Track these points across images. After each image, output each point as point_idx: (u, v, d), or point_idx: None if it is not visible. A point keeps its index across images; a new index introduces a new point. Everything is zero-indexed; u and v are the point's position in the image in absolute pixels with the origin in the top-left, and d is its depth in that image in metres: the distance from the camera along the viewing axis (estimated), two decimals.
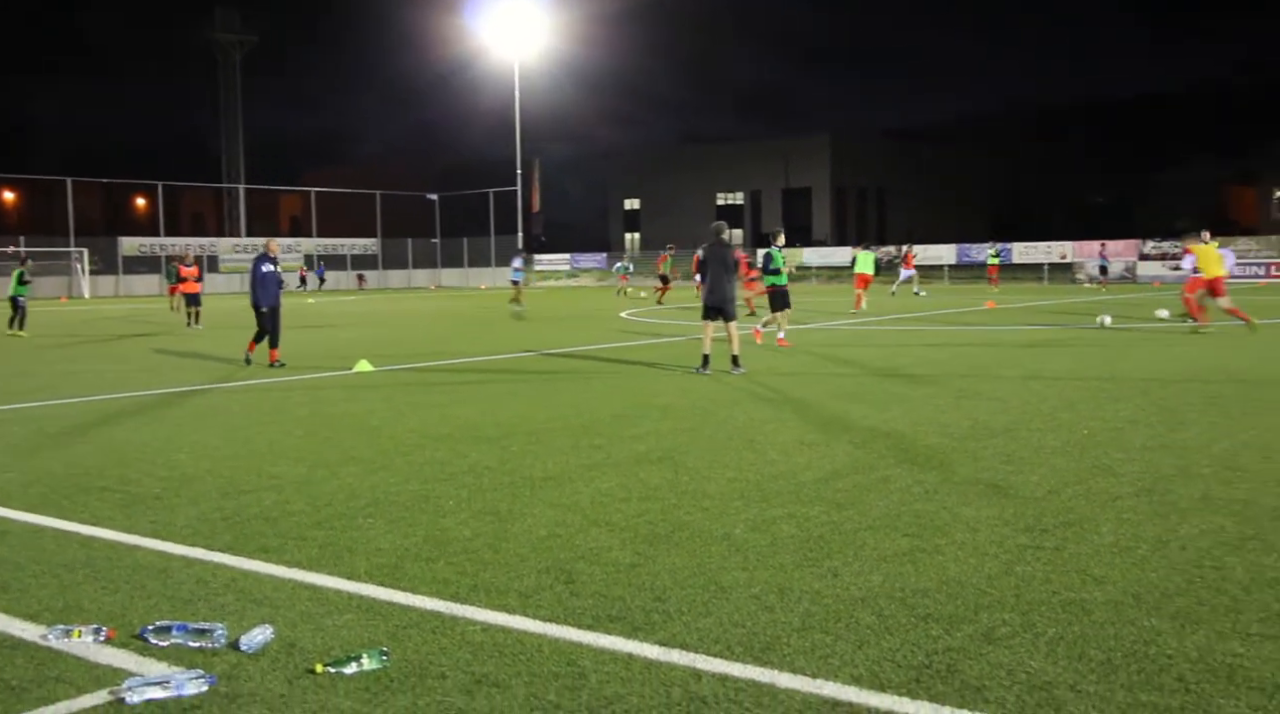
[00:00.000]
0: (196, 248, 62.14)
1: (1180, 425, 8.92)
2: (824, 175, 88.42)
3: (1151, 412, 9.70)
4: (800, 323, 23.67)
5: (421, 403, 11.57)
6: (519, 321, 27.19)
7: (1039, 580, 4.93)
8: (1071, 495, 6.54)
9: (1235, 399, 10.30)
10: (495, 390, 12.70)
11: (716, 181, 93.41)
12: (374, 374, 14.56)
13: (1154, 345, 16.27)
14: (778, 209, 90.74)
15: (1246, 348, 15.41)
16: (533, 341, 20.19)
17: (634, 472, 7.54)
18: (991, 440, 8.47)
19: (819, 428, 9.29)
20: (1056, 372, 13.13)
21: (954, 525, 5.92)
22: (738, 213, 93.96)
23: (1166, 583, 4.85)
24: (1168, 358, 14.35)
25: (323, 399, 12.13)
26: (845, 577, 5.07)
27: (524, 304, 32.55)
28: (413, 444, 8.83)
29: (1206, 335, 18.04)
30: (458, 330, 24.74)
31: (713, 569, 5.22)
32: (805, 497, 6.69)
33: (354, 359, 15.62)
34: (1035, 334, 19.22)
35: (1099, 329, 19.81)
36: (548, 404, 11.24)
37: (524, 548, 5.63)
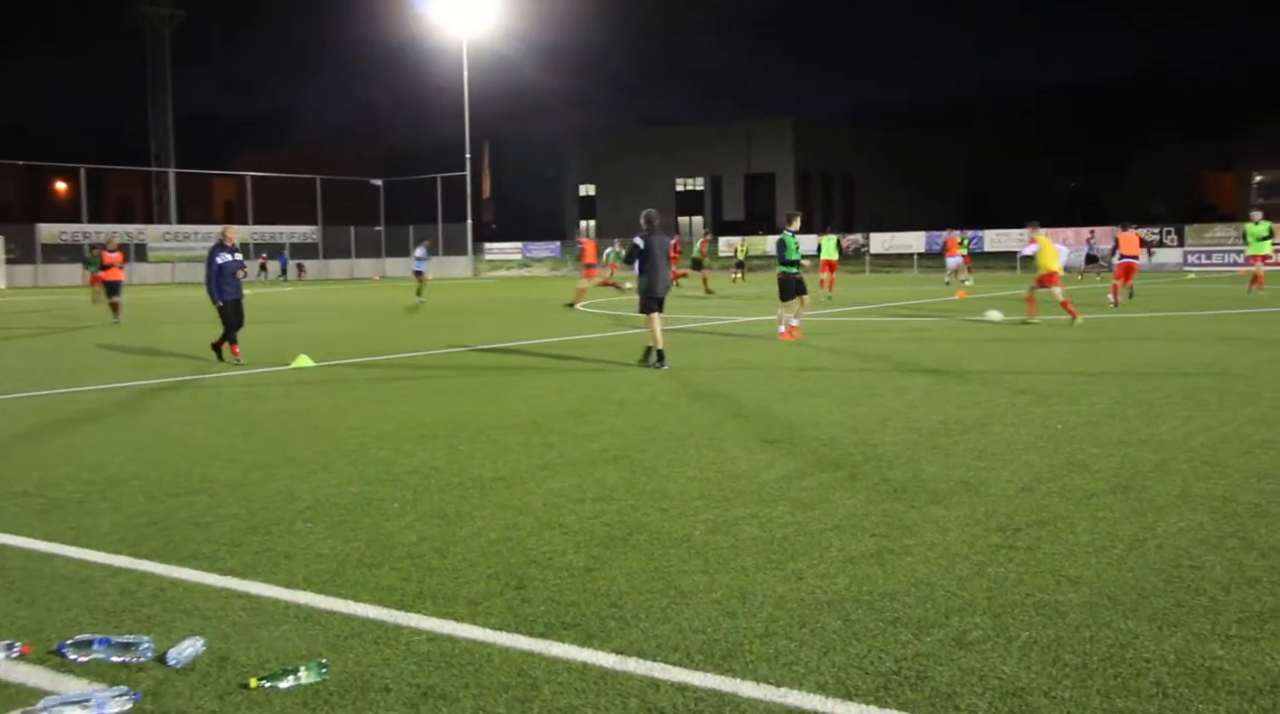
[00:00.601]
0: (123, 235, 61.19)
1: (1157, 419, 9.04)
2: (788, 160, 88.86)
3: (1128, 405, 9.83)
4: (765, 314, 23.74)
5: (365, 399, 11.48)
6: (412, 314, 27.18)
7: (1012, 582, 4.97)
8: (1045, 493, 6.60)
9: (1213, 392, 10.47)
10: (443, 386, 12.62)
11: (676, 166, 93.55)
12: (314, 370, 14.43)
13: (1130, 337, 16.50)
14: (740, 195, 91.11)
15: (1222, 339, 15.66)
16: (483, 335, 20.08)
17: (589, 471, 7.53)
18: (962, 436, 8.54)
19: (783, 424, 9.31)
20: (1030, 364, 13.27)
21: (923, 525, 5.95)
22: (698, 199, 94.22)
23: (1143, 583, 4.90)
24: (1144, 350, 14.56)
25: (260, 396, 11.99)
26: (810, 580, 5.08)
27: (423, 297, 32.49)
28: (355, 443, 8.77)
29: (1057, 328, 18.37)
30: (403, 323, 24.56)
31: (671, 573, 5.21)
32: (768, 496, 6.70)
33: (293, 354, 15.44)
34: (1007, 326, 19.42)
35: (992, 325, 19.88)
36: (498, 400, 11.19)
37: (473, 552, 5.59)
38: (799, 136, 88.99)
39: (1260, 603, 4.63)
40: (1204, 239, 50.46)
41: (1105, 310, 22.60)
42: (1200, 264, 48.47)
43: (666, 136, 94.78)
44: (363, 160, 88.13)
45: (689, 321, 22.39)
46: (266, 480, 7.42)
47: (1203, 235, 50.76)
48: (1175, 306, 23.87)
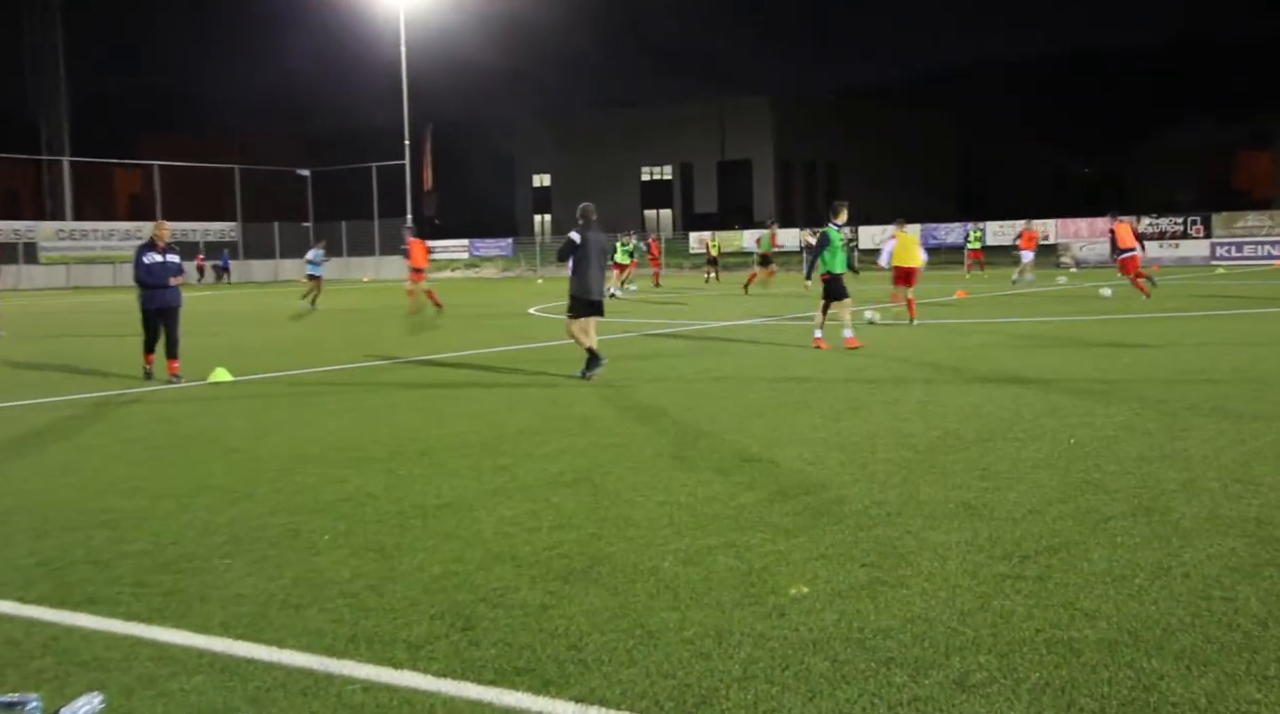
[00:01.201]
0: (10, 233, 60.50)
1: (1182, 432, 9.13)
2: (766, 145, 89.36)
3: (1149, 417, 9.92)
4: (742, 317, 23.80)
5: (291, 418, 11.41)
6: (298, 320, 27.16)
7: (1020, 616, 4.98)
8: (1056, 516, 6.64)
9: (1246, 400, 10.59)
10: (380, 402, 12.57)
11: (642, 153, 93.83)
12: (233, 385, 14.33)
13: (1151, 340, 16.66)
14: (712, 184, 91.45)
15: (1255, 342, 15.86)
16: (424, 344, 20.01)
17: (545, 496, 7.51)
18: (963, 453, 8.58)
19: (762, 441, 9.33)
20: (1038, 371, 13.37)
21: (920, 553, 5.97)
22: (666, 189, 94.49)
23: (1169, 617, 4.93)
24: (1167, 355, 14.72)
25: (170, 415, 11.88)
26: (793, 616, 5.07)
27: (317, 304, 32.38)
28: (280, 468, 8.71)
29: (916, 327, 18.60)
30: (336, 331, 24.42)
31: (638, 610, 5.19)
32: (746, 522, 6.70)
33: (208, 367, 15.31)
34: (1013, 327, 19.58)
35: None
36: (442, 417, 11.15)
37: (414, 590, 5.56)
38: (778, 119, 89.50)
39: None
40: (1234, 229, 50.82)
41: (1133, 306, 22.83)
42: (1230, 257, 48.85)
43: (631, 120, 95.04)
44: (288, 148, 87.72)
45: (655, 327, 22.41)
46: (177, 511, 7.34)
47: (1233, 225, 51.12)
48: (1202, 305, 24.15)
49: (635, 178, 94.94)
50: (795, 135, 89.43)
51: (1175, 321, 20.31)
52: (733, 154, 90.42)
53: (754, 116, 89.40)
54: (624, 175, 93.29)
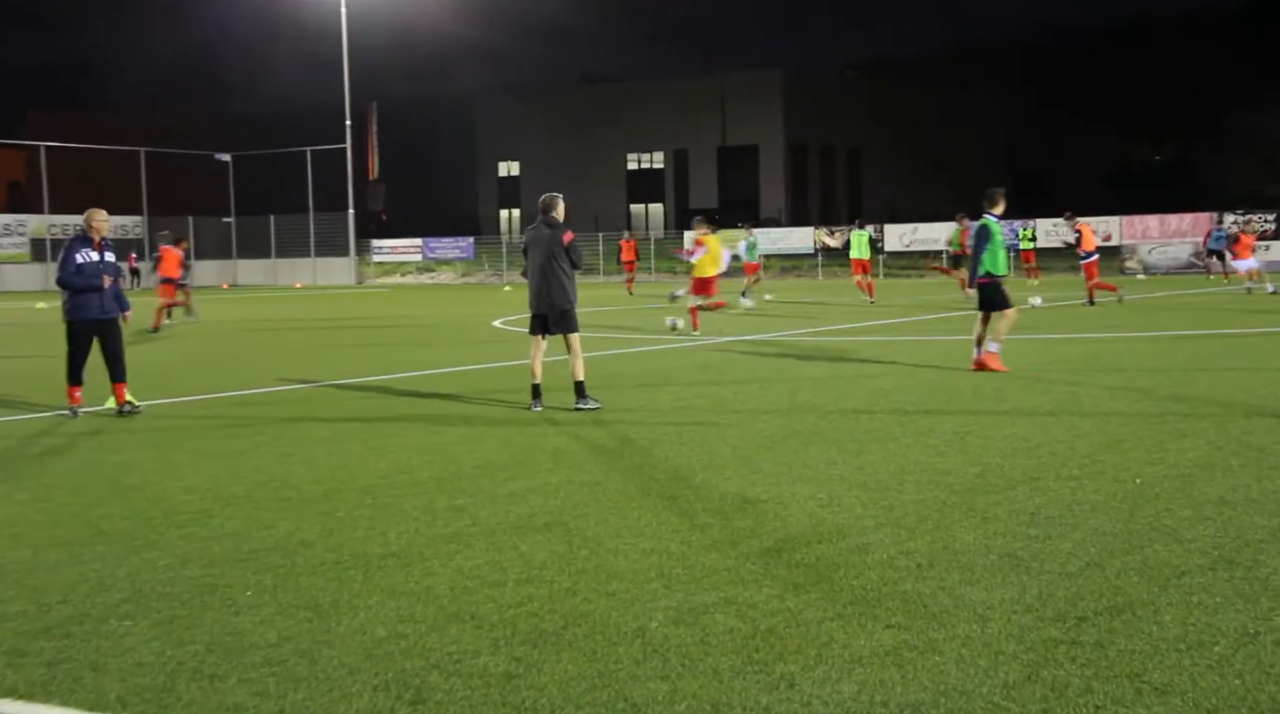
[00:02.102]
0: None
1: (1272, 471, 9.15)
2: (775, 128, 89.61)
3: (1231, 451, 9.95)
4: (746, 333, 23.84)
5: (207, 450, 11.38)
6: (156, 336, 27.21)
7: (1076, 690, 4.98)
8: (1119, 570, 6.65)
9: None
10: (314, 432, 12.56)
11: (628, 138, 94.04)
12: (134, 412, 14.26)
13: (1233, 362, 16.72)
14: (711, 174, 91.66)
15: None
16: (368, 363, 19.99)
17: (512, 543, 7.50)
18: (1008, 493, 8.59)
19: (768, 477, 9.34)
20: (1096, 398, 13.41)
21: (956, 613, 5.97)
22: (657, 179, 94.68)
23: (1256, 693, 4.92)
24: (1250, 379, 14.76)
25: (58, 449, 11.85)
26: (805, 686, 5.06)
27: (195, 313, 32.36)
28: (193, 510, 8.68)
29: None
30: (262, 347, 24.38)
31: (621, 679, 5.18)
32: (749, 575, 6.70)
33: (106, 390, 15.25)
34: (1069, 346, 19.65)
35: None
36: (389, 450, 11.14)
37: (353, 655, 5.55)
38: (790, 97, 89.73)
39: None
40: None
41: (1203, 320, 22.92)
42: None
43: (614, 99, 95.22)
44: (204, 127, 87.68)
45: (643, 342, 22.42)
46: (67, 563, 7.30)
47: None
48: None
49: (620, 166, 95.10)
50: (810, 116, 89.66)
51: (1258, 340, 20.37)
52: (736, 139, 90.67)
53: (761, 94, 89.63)
54: (607, 164, 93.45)
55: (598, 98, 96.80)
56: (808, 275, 59.82)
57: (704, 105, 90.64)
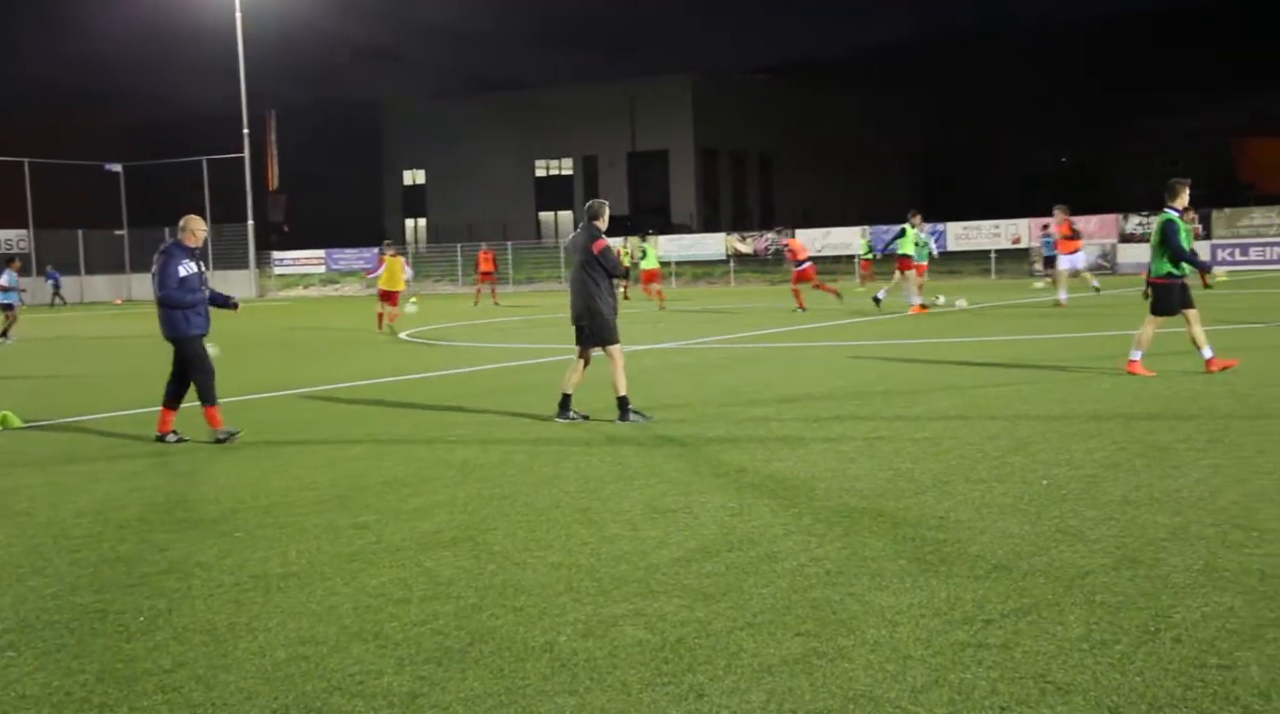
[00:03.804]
0: None
1: (1174, 470, 9.36)
2: (685, 133, 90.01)
3: (1136, 452, 10.16)
4: (662, 340, 23.91)
5: (100, 473, 11.23)
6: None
7: (981, 692, 5.08)
8: (1026, 571, 6.78)
9: (1250, 433, 10.88)
10: (212, 450, 12.46)
11: (535, 144, 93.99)
12: (24, 433, 14.09)
13: (1147, 362, 17.04)
14: (622, 180, 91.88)
15: (1259, 365, 16.31)
16: (267, 378, 19.81)
17: (417, 560, 7.50)
18: (917, 498, 8.72)
19: (679, 487, 9.40)
20: (1006, 399, 13.63)
21: (865, 619, 6.05)
22: (565, 186, 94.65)
23: (1156, 690, 5.05)
24: (1154, 379, 15.05)
25: None
26: (714, 697, 5.12)
27: (11, 335, 32.05)
28: (83, 534, 8.57)
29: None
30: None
31: (528, 694, 5.21)
32: (658, 586, 6.75)
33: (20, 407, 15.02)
34: (978, 348, 19.91)
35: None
36: (292, 467, 11.07)
37: (252, 679, 5.52)
38: (700, 102, 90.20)
39: None
40: (1238, 228, 51.90)
41: (1095, 322, 23.33)
42: (1234, 261, 49.97)
43: (522, 105, 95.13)
44: (95, 138, 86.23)
45: (550, 353, 22.43)
46: None
47: (1236, 223, 52.22)
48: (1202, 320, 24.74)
49: (528, 173, 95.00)
50: (721, 121, 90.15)
51: (1166, 338, 20.79)
52: (646, 144, 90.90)
53: (672, 99, 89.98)
54: (515, 171, 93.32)
55: (505, 104, 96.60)
56: (719, 282, 60.09)
57: (613, 111, 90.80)
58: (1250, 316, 24.48)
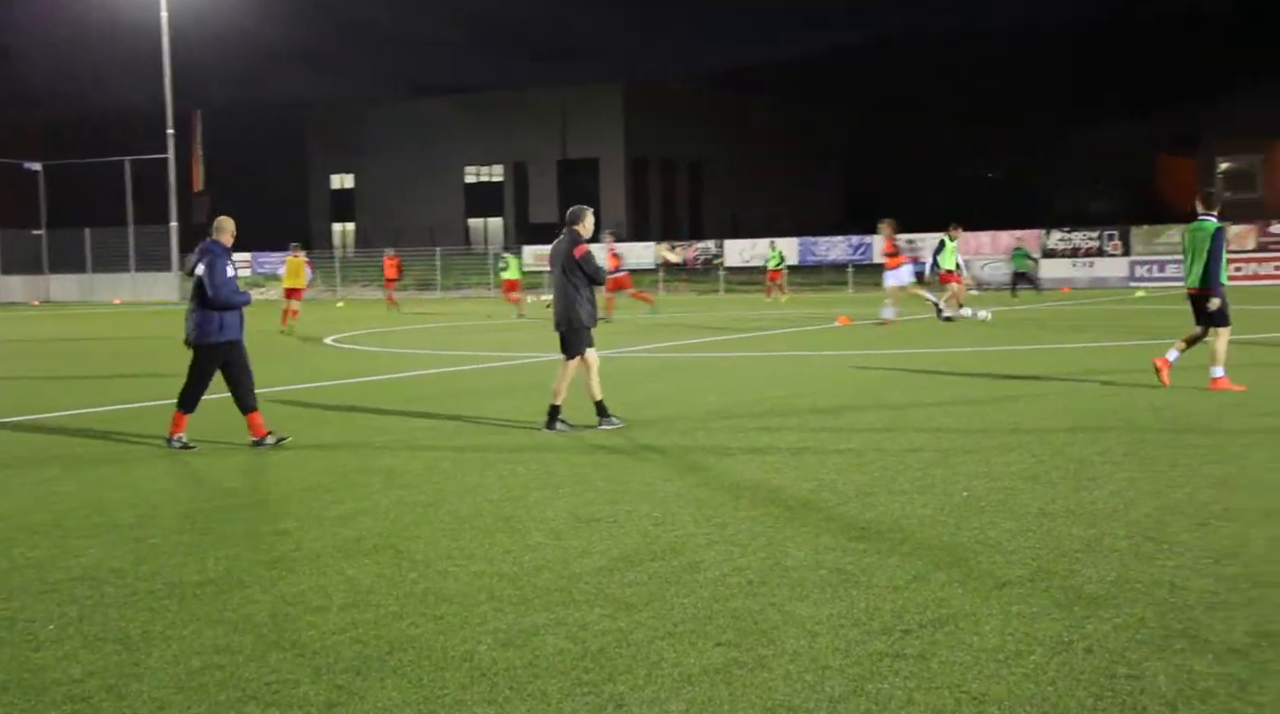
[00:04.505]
0: None
1: (1090, 483, 9.51)
2: (616, 141, 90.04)
3: (1054, 465, 10.29)
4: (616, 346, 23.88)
5: (10, 479, 11.09)
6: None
7: (898, 702, 5.14)
8: (944, 583, 6.86)
9: (1164, 447, 11.06)
10: (132, 454, 12.32)
11: (466, 150, 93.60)
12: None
13: (1058, 375, 17.27)
14: (552, 187, 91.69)
15: (1176, 379, 16.59)
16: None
17: (338, 567, 7.47)
18: (839, 509, 8.79)
19: (604, 497, 9.41)
20: (929, 412, 13.76)
21: (785, 629, 6.10)
22: (496, 193, 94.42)
23: (1067, 700, 5.13)
24: (1074, 393, 15.27)
25: None
26: (633, 707, 5.14)
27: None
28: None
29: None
30: (75, 368, 23.73)
31: (447, 704, 5.20)
32: (580, 595, 6.76)
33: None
34: (903, 360, 20.08)
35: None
36: (213, 473, 10.99)
37: (165, 689, 5.47)
38: (631, 109, 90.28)
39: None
40: (1155, 245, 52.72)
41: (1028, 336, 23.60)
42: (1152, 278, 50.74)
43: (453, 110, 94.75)
44: (13, 136, 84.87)
45: (479, 360, 22.38)
46: None
47: (1153, 240, 53.01)
48: (1120, 334, 25.14)
49: (459, 179, 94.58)
50: (651, 129, 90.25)
51: (1085, 355, 21.13)
52: (576, 152, 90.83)
53: (603, 106, 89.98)
54: (445, 176, 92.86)
55: (435, 109, 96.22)
56: (648, 291, 60.14)
57: (544, 118, 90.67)
58: (1171, 333, 24.86)
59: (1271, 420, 12.40)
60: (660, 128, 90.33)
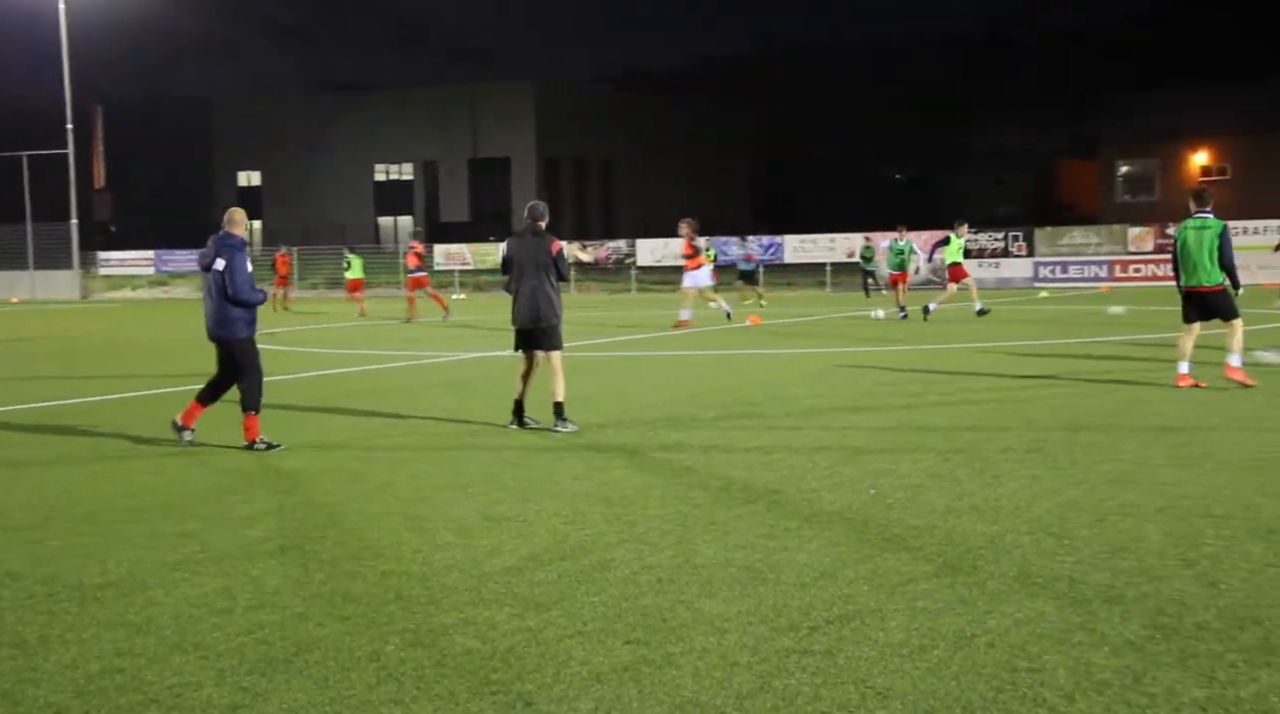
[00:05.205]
0: None
1: (994, 480, 9.66)
2: (528, 140, 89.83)
3: (959, 463, 10.44)
4: (488, 348, 23.85)
5: None
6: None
7: (805, 698, 5.19)
8: (851, 579, 6.93)
9: (1062, 446, 11.27)
10: (30, 455, 12.16)
11: (375, 148, 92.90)
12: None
13: (965, 375, 17.51)
14: (463, 186, 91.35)
15: (1078, 377, 16.88)
16: (91, 383, 19.32)
17: (242, 569, 7.42)
18: (748, 507, 8.86)
19: (514, 495, 9.42)
20: (836, 411, 13.88)
21: (694, 626, 6.14)
22: (406, 191, 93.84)
23: (969, 693, 5.22)
24: (980, 391, 15.48)
25: None
26: (542, 705, 5.16)
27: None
28: None
29: None
30: None
31: (354, 704, 5.19)
32: (489, 594, 6.77)
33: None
34: (809, 361, 20.25)
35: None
36: (116, 474, 10.86)
37: (63, 693, 5.41)
38: (543, 108, 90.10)
39: (1108, 713, 5.02)
40: (1058, 247, 53.60)
41: (930, 335, 23.90)
42: (1055, 278, 51.55)
43: (361, 107, 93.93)
44: None
45: (385, 360, 22.26)
46: None
47: (1056, 242, 53.91)
48: (1022, 334, 25.49)
49: (367, 176, 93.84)
50: (563, 128, 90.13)
51: (989, 355, 21.40)
52: (488, 151, 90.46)
53: (514, 105, 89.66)
54: (354, 174, 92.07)
55: (344, 106, 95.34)
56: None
57: (455, 116, 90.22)
58: (1070, 332, 25.29)
59: (1165, 419, 12.67)
60: (572, 127, 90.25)
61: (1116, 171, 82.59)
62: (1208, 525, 8.01)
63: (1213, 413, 12.96)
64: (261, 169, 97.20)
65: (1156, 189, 79.97)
